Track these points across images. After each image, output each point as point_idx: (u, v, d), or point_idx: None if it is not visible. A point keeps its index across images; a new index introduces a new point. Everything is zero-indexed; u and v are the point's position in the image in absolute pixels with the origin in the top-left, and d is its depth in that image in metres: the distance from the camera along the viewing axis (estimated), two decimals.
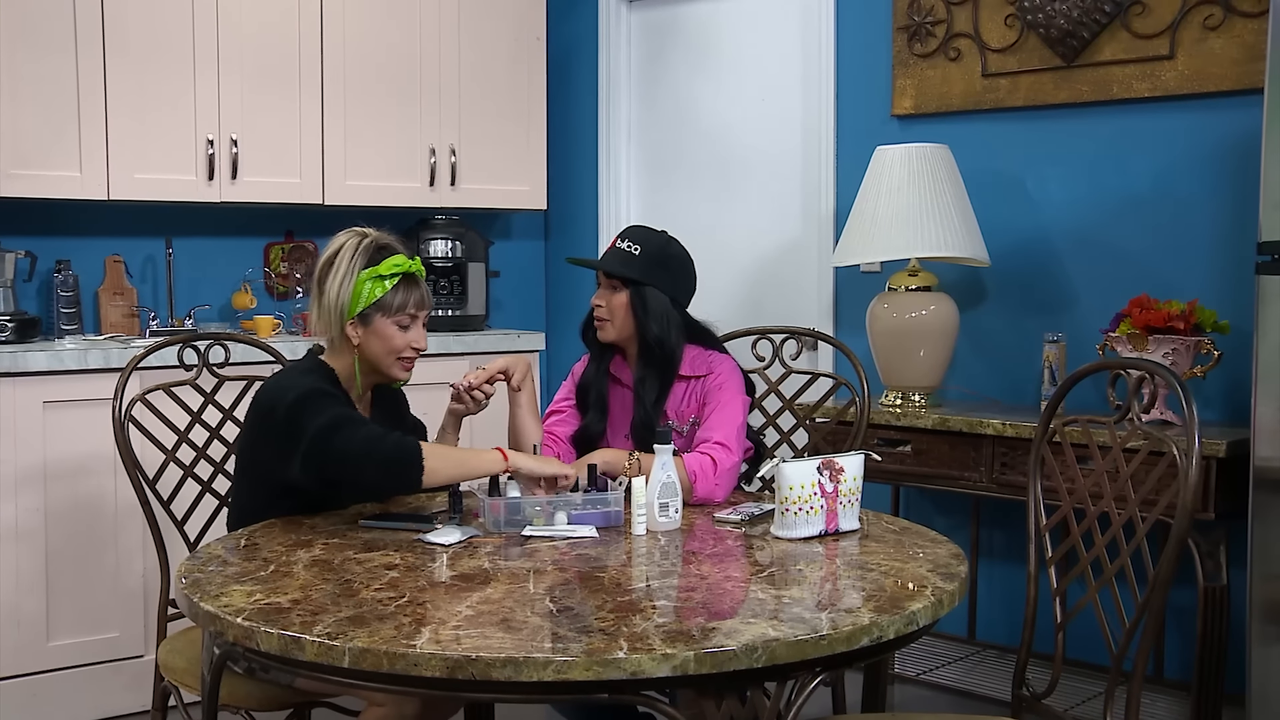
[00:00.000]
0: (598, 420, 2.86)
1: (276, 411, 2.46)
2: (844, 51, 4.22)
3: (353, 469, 2.39)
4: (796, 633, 1.81)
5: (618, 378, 2.89)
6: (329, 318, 2.57)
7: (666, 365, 2.80)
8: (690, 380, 2.84)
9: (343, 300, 2.54)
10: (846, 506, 2.43)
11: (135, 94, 3.87)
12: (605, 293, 2.82)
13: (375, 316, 2.55)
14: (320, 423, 2.38)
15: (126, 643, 3.72)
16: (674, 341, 2.80)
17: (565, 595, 2.03)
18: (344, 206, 4.23)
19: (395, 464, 2.39)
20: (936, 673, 3.76)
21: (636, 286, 2.78)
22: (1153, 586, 2.23)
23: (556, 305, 5.16)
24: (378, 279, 2.54)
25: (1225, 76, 3.37)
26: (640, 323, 2.78)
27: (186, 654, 2.64)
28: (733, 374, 2.84)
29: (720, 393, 2.80)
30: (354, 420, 2.43)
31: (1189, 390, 2.30)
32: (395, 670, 1.72)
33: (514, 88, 4.64)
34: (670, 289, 2.81)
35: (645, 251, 2.81)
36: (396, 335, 2.57)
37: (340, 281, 2.55)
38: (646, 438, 2.74)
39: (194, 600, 1.97)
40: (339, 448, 2.37)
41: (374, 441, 2.39)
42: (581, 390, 2.90)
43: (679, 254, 2.87)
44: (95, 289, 4.11)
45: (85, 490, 3.65)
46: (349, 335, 2.56)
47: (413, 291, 2.59)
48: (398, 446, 2.40)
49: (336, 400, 2.49)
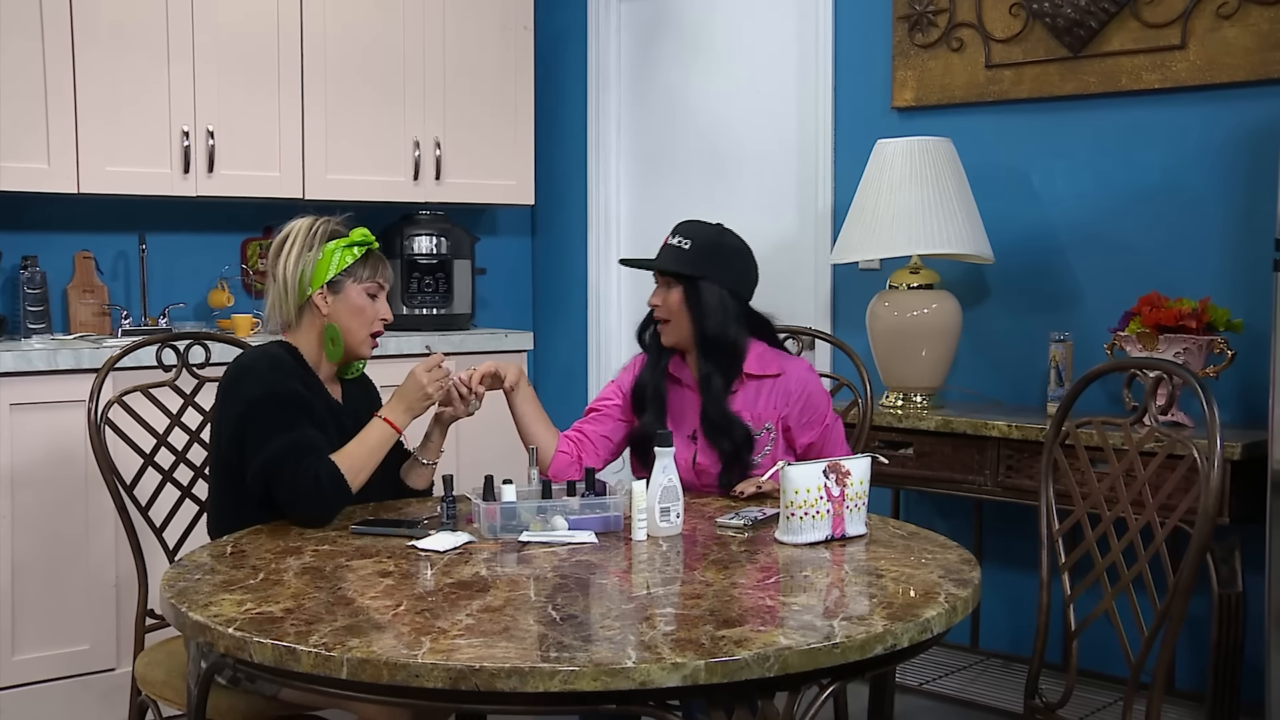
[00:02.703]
0: (656, 421, 2.82)
1: (235, 409, 2.54)
2: (842, 42, 4.23)
3: (298, 508, 2.48)
4: (808, 641, 1.81)
5: (677, 378, 2.87)
6: (287, 297, 2.65)
7: (730, 358, 2.79)
8: (762, 380, 2.83)
9: (304, 271, 2.63)
10: (853, 511, 2.43)
11: (106, 82, 3.84)
12: (661, 291, 2.82)
13: (346, 283, 2.64)
14: (263, 456, 2.47)
15: (97, 656, 3.69)
16: (734, 334, 2.79)
17: (568, 603, 2.02)
18: (325, 201, 4.20)
19: (330, 500, 2.48)
20: (940, 682, 3.76)
21: (690, 281, 2.77)
22: (1172, 593, 2.23)
23: (544, 304, 5.14)
24: (348, 246, 2.65)
25: (1239, 66, 3.38)
26: (696, 319, 2.77)
27: (166, 666, 2.62)
28: (816, 383, 2.88)
29: (821, 405, 2.85)
30: (292, 452, 2.46)
31: (1209, 391, 2.30)
32: (396, 681, 1.71)
33: (501, 79, 4.63)
34: (726, 281, 2.80)
35: (696, 245, 2.80)
36: (367, 305, 2.66)
37: (298, 253, 2.64)
38: (717, 433, 2.75)
39: (182, 610, 1.95)
40: (278, 487, 2.47)
41: (303, 481, 2.45)
42: (638, 390, 2.88)
43: (733, 244, 2.86)
44: (64, 286, 4.08)
45: (54, 496, 3.61)
46: (317, 305, 2.64)
47: (379, 265, 2.69)
48: (319, 480, 2.46)
49: (290, 404, 2.52)
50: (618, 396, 2.91)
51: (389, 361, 4.09)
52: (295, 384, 2.57)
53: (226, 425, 2.57)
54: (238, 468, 2.54)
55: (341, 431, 2.61)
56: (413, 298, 4.53)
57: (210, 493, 2.71)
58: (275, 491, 2.48)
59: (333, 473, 2.48)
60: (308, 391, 2.59)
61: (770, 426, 2.81)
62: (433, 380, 2.65)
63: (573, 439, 2.86)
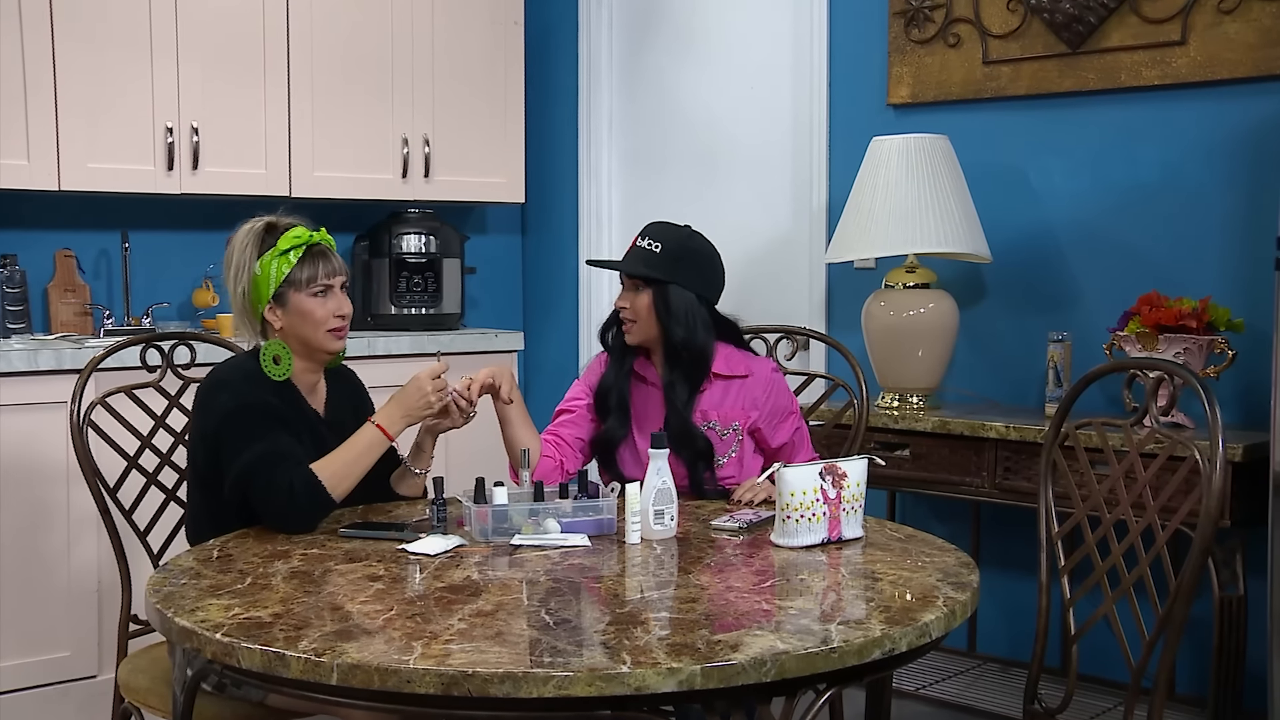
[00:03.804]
0: (619, 425, 2.85)
1: (209, 423, 2.53)
2: (837, 37, 4.23)
3: (272, 519, 2.47)
4: (805, 645, 1.81)
5: (643, 376, 2.88)
6: (243, 315, 2.64)
7: (696, 366, 2.80)
8: (730, 380, 2.85)
9: (243, 289, 2.61)
10: (850, 513, 2.43)
11: (88, 78, 3.83)
12: (629, 294, 2.82)
13: (289, 294, 2.60)
14: (237, 467, 2.46)
15: (78, 663, 3.68)
16: (701, 340, 2.80)
17: (561, 607, 2.02)
18: (311, 199, 4.20)
19: (305, 509, 2.46)
20: (936, 687, 3.76)
21: (660, 286, 2.78)
22: (1174, 597, 2.24)
23: (535, 303, 5.14)
24: (280, 255, 2.60)
25: (1241, 63, 3.39)
26: (664, 324, 2.78)
27: (150, 673, 2.62)
28: (782, 383, 2.90)
29: (789, 405, 2.88)
30: (264, 462, 2.45)
31: (1211, 391, 2.31)
32: (387, 687, 1.70)
33: (490, 75, 4.63)
34: (695, 285, 2.81)
35: (666, 248, 2.81)
36: (317, 307, 2.61)
37: (235, 273, 2.62)
38: (678, 444, 2.74)
39: (168, 615, 1.95)
40: (253, 497, 2.46)
41: (277, 491, 2.44)
42: (601, 394, 2.88)
43: (702, 248, 2.87)
44: (44, 285, 4.08)
45: (34, 500, 3.60)
46: (270, 321, 2.61)
47: (320, 263, 2.62)
48: (293, 490, 2.44)
49: (264, 415, 2.51)
50: (587, 396, 2.92)
51: (379, 362, 4.10)
52: (268, 396, 2.56)
53: (201, 440, 2.56)
54: (214, 482, 2.53)
55: (319, 442, 2.59)
56: (401, 297, 4.53)
57: (188, 505, 2.71)
58: (251, 502, 2.47)
59: (308, 481, 2.45)
60: (282, 403, 2.58)
61: (737, 426, 2.83)
62: (436, 388, 2.61)
63: (552, 443, 2.86)
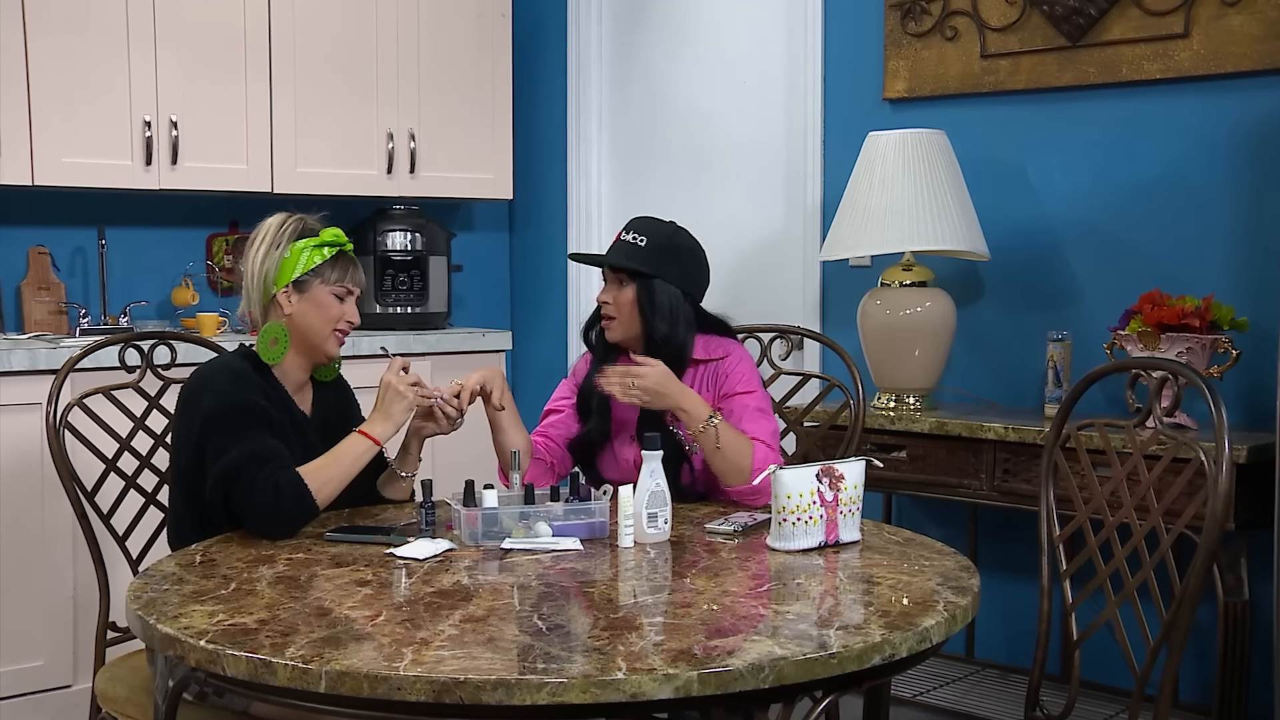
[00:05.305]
0: (600, 427, 2.86)
1: (193, 423, 2.52)
2: (832, 30, 4.23)
3: (254, 521, 2.45)
4: (804, 650, 1.81)
5: None
6: (253, 295, 2.64)
7: (674, 363, 2.80)
8: (708, 364, 2.86)
9: (268, 269, 2.61)
10: (847, 516, 2.43)
11: (62, 70, 3.81)
12: (612, 289, 2.83)
13: (313, 283, 2.61)
14: (220, 466, 2.45)
15: (52, 672, 3.66)
16: (682, 336, 2.81)
17: (554, 612, 2.02)
18: (294, 195, 4.19)
19: (289, 513, 2.45)
20: (935, 693, 3.77)
21: (644, 280, 2.79)
22: (1179, 602, 2.25)
23: (523, 302, 5.14)
24: (317, 246, 2.62)
25: (1244, 56, 3.40)
26: (647, 319, 2.79)
27: (128, 681, 2.61)
28: (746, 362, 2.87)
29: (741, 384, 2.82)
30: (249, 462, 2.44)
31: (1217, 392, 2.31)
32: (377, 695, 1.70)
33: (477, 69, 4.63)
34: (680, 281, 2.83)
35: (651, 242, 2.82)
36: (333, 304, 2.63)
37: (265, 251, 2.62)
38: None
39: (149, 622, 1.94)
40: (235, 499, 2.45)
41: (261, 491, 2.42)
42: (583, 396, 2.89)
43: (687, 243, 2.89)
44: (17, 283, 4.06)
45: (7, 504, 3.59)
46: (280, 303, 2.61)
47: (350, 268, 2.66)
48: (279, 491, 2.43)
49: (249, 415, 2.50)
50: (574, 395, 2.93)
51: (361, 362, 4.08)
52: (255, 396, 2.55)
53: (185, 441, 2.55)
54: (197, 484, 2.52)
55: (306, 445, 2.59)
56: (386, 296, 4.52)
57: (170, 507, 2.70)
58: (233, 504, 2.46)
59: (294, 484, 2.44)
60: (269, 404, 2.57)
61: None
62: (405, 383, 2.61)
63: (542, 445, 2.87)
